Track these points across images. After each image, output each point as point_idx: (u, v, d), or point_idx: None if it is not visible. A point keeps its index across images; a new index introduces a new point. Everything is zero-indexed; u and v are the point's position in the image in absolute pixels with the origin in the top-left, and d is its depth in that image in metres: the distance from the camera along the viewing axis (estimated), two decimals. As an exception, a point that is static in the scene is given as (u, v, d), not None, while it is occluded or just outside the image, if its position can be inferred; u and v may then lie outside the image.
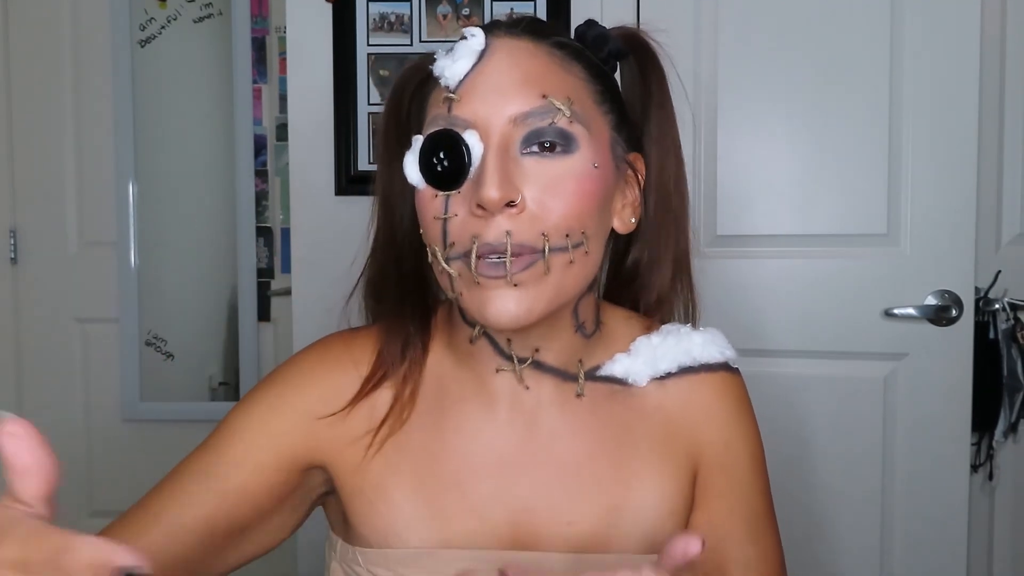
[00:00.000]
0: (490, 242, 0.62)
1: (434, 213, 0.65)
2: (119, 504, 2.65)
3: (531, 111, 0.63)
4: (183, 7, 2.39)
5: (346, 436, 0.72)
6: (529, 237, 0.63)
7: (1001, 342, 1.59)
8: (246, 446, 0.70)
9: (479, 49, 0.65)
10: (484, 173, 0.62)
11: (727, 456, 0.74)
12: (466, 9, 1.73)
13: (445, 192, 0.64)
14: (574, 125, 0.64)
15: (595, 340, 0.74)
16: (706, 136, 1.63)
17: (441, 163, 0.64)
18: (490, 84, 0.64)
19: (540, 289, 0.64)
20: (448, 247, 0.64)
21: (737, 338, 0.77)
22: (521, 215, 0.62)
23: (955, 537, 1.56)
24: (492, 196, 0.61)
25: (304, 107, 1.76)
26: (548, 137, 0.63)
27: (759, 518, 0.75)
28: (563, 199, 0.63)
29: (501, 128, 0.63)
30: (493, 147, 0.63)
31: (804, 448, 1.61)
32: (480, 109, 0.64)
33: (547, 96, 0.64)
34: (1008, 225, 1.64)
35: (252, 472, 0.70)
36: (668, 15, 1.61)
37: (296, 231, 1.77)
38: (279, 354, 2.37)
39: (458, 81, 0.65)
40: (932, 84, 1.52)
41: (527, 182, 0.63)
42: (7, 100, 2.37)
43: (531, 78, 0.64)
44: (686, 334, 0.74)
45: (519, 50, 0.66)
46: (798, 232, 1.60)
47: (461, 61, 0.65)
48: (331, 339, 0.77)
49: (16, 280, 2.40)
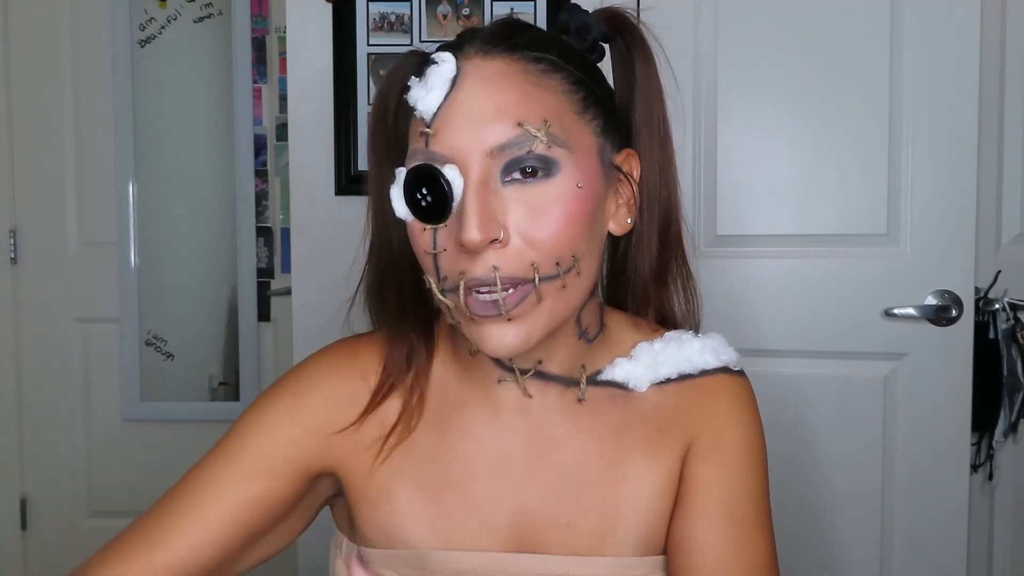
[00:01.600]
0: (478, 276, 0.62)
1: (424, 247, 0.64)
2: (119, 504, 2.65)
3: (507, 142, 0.62)
4: (183, 7, 2.39)
5: (357, 445, 0.72)
6: (517, 269, 0.62)
7: (1001, 342, 1.59)
8: (259, 455, 0.70)
9: (451, 76, 0.63)
10: (464, 213, 0.61)
11: (714, 447, 0.72)
12: (466, 9, 1.73)
13: (432, 226, 0.64)
14: (553, 149, 0.63)
15: (597, 344, 0.74)
16: (706, 136, 1.63)
17: (424, 199, 0.63)
18: (464, 115, 0.62)
19: (535, 318, 0.63)
20: (441, 280, 0.64)
21: (737, 338, 0.77)
22: (507, 248, 0.62)
23: (955, 537, 1.56)
24: (473, 238, 0.60)
25: (304, 107, 1.76)
26: (528, 163, 0.62)
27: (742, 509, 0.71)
28: (549, 227, 0.62)
29: (479, 162, 0.62)
30: (472, 184, 0.61)
31: (804, 448, 1.61)
32: (456, 143, 0.62)
33: (522, 124, 0.62)
34: (1008, 225, 1.64)
35: (267, 482, 0.70)
36: (668, 15, 1.60)
37: (296, 231, 1.77)
38: (279, 354, 2.37)
39: (432, 114, 0.63)
40: (932, 84, 1.52)
41: (509, 213, 0.62)
42: (7, 100, 2.37)
43: (504, 106, 0.62)
44: (687, 341, 0.73)
45: (492, 73, 0.64)
46: (798, 232, 1.60)
47: (434, 92, 0.63)
48: (336, 348, 0.77)
49: (16, 280, 2.40)
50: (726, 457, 0.73)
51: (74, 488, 2.41)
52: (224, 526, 0.68)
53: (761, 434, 0.76)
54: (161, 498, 0.70)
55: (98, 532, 2.44)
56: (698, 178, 1.63)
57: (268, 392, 0.74)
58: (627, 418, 0.73)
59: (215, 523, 0.68)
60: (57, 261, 2.39)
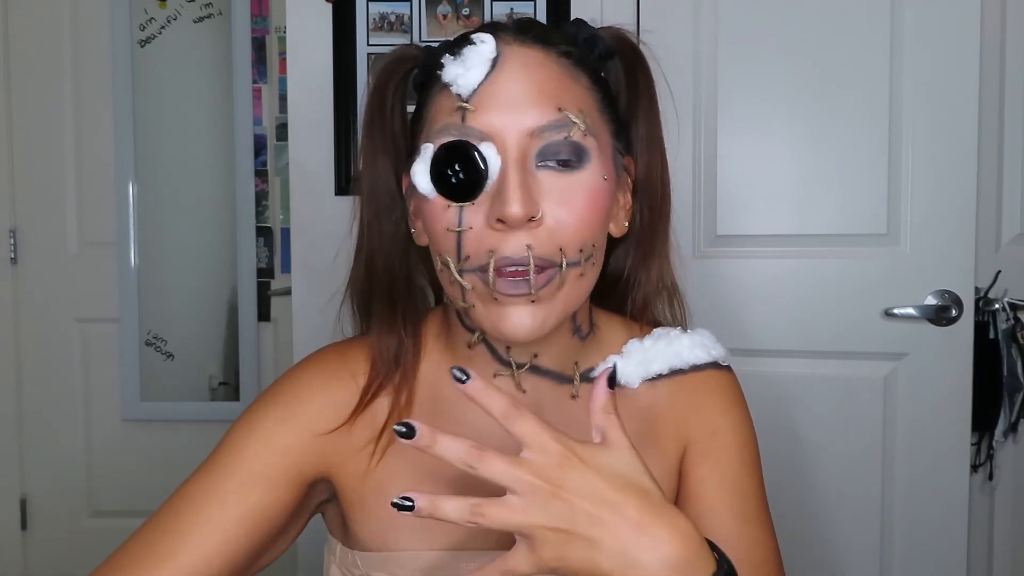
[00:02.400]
0: (509, 255, 0.62)
1: (447, 224, 0.64)
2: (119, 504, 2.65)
3: (547, 124, 0.63)
4: (183, 7, 2.39)
5: (350, 447, 0.72)
6: (548, 251, 0.63)
7: (1001, 342, 1.59)
8: (255, 465, 0.69)
9: (491, 57, 0.64)
10: (506, 188, 0.61)
11: (713, 444, 0.74)
12: (466, 9, 1.73)
13: (458, 204, 0.63)
14: (587, 138, 0.64)
15: (589, 342, 0.75)
16: (706, 136, 1.63)
17: (456, 175, 0.63)
18: (506, 95, 0.63)
19: (553, 303, 0.64)
20: (462, 260, 0.64)
21: (736, 338, 0.78)
22: (539, 229, 0.62)
23: (955, 537, 1.56)
24: (516, 213, 0.60)
25: (304, 107, 1.76)
26: (563, 153, 0.63)
27: (748, 505, 0.73)
28: (577, 214, 0.63)
29: (518, 141, 0.63)
30: (512, 161, 0.62)
31: (804, 448, 1.61)
32: (496, 121, 0.63)
33: (562, 109, 0.63)
34: (1008, 225, 1.64)
35: (266, 492, 0.69)
36: (668, 15, 1.61)
37: (296, 231, 1.77)
38: (279, 354, 2.37)
39: (472, 90, 0.63)
40: (932, 84, 1.52)
41: (543, 196, 0.63)
42: (7, 100, 2.37)
43: (546, 90, 0.64)
44: (676, 337, 0.74)
45: (531, 59, 0.65)
46: (798, 232, 1.60)
47: (475, 70, 0.64)
48: (325, 352, 0.76)
49: (16, 280, 2.40)
50: (727, 456, 0.74)
51: (74, 488, 2.41)
52: (226, 540, 0.66)
53: (753, 429, 0.78)
54: (156, 513, 0.68)
55: (98, 532, 2.45)
56: (698, 178, 1.63)
57: (258, 401, 0.74)
58: (620, 415, 0.73)
59: (218, 535, 0.66)
60: (57, 261, 2.39)
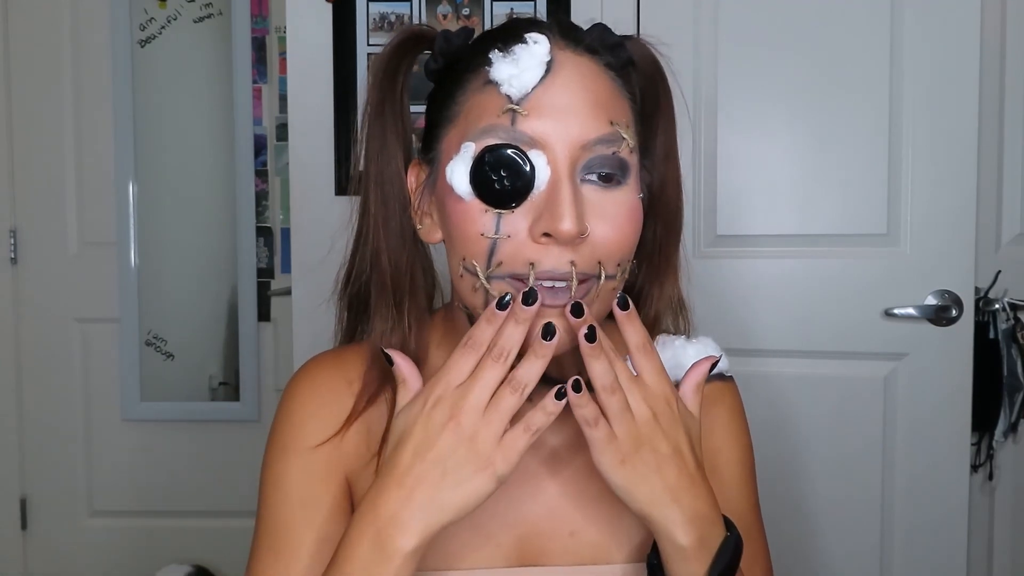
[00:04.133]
0: (551, 270, 0.60)
1: (482, 230, 0.61)
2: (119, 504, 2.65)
3: (599, 138, 0.61)
4: (183, 7, 2.39)
5: (356, 457, 0.70)
6: (588, 266, 0.61)
7: (1001, 342, 1.59)
8: (310, 503, 0.69)
9: (546, 60, 0.61)
10: (559, 202, 0.59)
11: (717, 461, 0.74)
12: (466, 9, 1.73)
13: (498, 210, 0.61)
14: (632, 155, 0.63)
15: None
16: (706, 136, 1.63)
17: (501, 181, 0.60)
18: (561, 103, 0.61)
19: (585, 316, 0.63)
20: (493, 266, 0.61)
21: (737, 338, 0.77)
22: (583, 245, 0.61)
23: (955, 537, 1.56)
24: (570, 230, 0.58)
25: (304, 107, 1.76)
26: (608, 168, 0.62)
27: (747, 522, 0.74)
28: (618, 231, 0.62)
29: (570, 152, 0.61)
30: (564, 173, 0.60)
31: (804, 448, 1.61)
32: (549, 128, 0.60)
33: (614, 123, 0.62)
34: (1008, 225, 1.64)
35: (330, 521, 0.68)
36: (668, 15, 1.61)
37: (296, 231, 1.77)
38: (279, 354, 2.37)
39: (525, 93, 0.61)
40: (932, 84, 1.52)
41: (588, 212, 0.61)
42: (7, 100, 2.37)
43: (599, 102, 0.62)
44: (680, 347, 0.72)
45: (584, 68, 0.63)
46: (798, 232, 1.60)
47: (529, 72, 0.61)
48: (321, 359, 0.74)
49: (16, 280, 2.40)
50: (729, 474, 0.74)
51: (74, 488, 2.41)
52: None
53: (751, 443, 0.78)
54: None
55: (98, 532, 2.46)
56: (698, 178, 1.63)
57: (274, 436, 0.72)
58: None
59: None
60: (57, 261, 2.39)
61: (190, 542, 2.35)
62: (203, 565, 2.30)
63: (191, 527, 2.36)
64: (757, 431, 0.80)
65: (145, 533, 2.37)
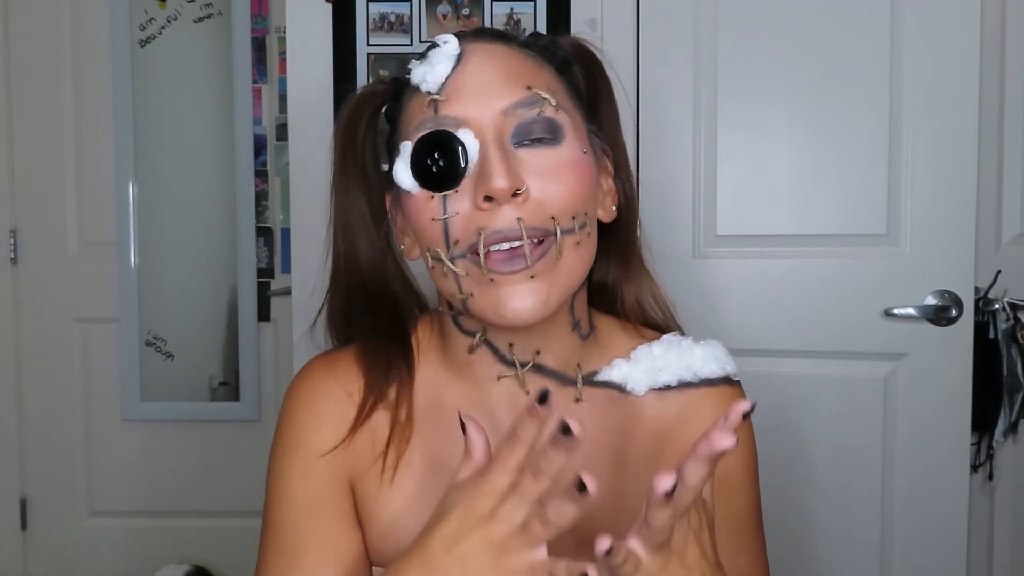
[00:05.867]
0: (500, 229, 0.63)
1: (431, 215, 0.65)
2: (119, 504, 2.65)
3: (519, 101, 0.65)
4: (183, 7, 2.39)
5: (361, 466, 0.72)
6: (539, 221, 0.64)
7: (1001, 342, 1.59)
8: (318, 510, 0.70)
9: (455, 53, 0.67)
10: (488, 165, 0.63)
11: (721, 472, 0.71)
12: (466, 9, 1.73)
13: (442, 192, 0.65)
14: (559, 114, 0.66)
15: (591, 344, 0.74)
16: (706, 136, 1.62)
17: (436, 163, 0.64)
18: (475, 82, 0.66)
19: (554, 277, 0.64)
20: (452, 245, 0.64)
21: (737, 338, 0.77)
22: (527, 203, 0.63)
23: (955, 537, 1.56)
24: (501, 185, 0.61)
25: (304, 107, 1.76)
26: (537, 131, 0.65)
27: (749, 529, 0.74)
28: (563, 184, 0.65)
29: (493, 122, 0.65)
30: (491, 140, 0.64)
31: (804, 448, 1.61)
32: (470, 106, 0.65)
33: (531, 87, 0.65)
34: (1008, 225, 1.64)
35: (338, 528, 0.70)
36: (668, 15, 1.61)
37: (296, 231, 1.77)
38: (279, 354, 2.37)
39: (440, 83, 0.66)
40: (932, 84, 1.52)
41: (526, 172, 0.64)
42: (7, 100, 2.37)
43: (513, 72, 0.66)
44: (687, 348, 0.73)
45: (495, 51, 0.68)
46: (798, 232, 1.60)
47: (440, 65, 0.66)
48: (312, 371, 0.76)
49: (16, 280, 2.40)
50: (734, 483, 0.74)
51: (74, 488, 2.41)
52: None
53: (755, 449, 0.77)
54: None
55: (98, 532, 2.46)
56: (698, 178, 1.63)
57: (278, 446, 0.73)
58: (627, 425, 0.72)
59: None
60: (57, 261, 2.39)
61: (190, 542, 2.35)
62: (203, 566, 2.30)
63: (191, 527, 2.36)
64: (757, 431, 0.79)
65: (145, 533, 2.37)
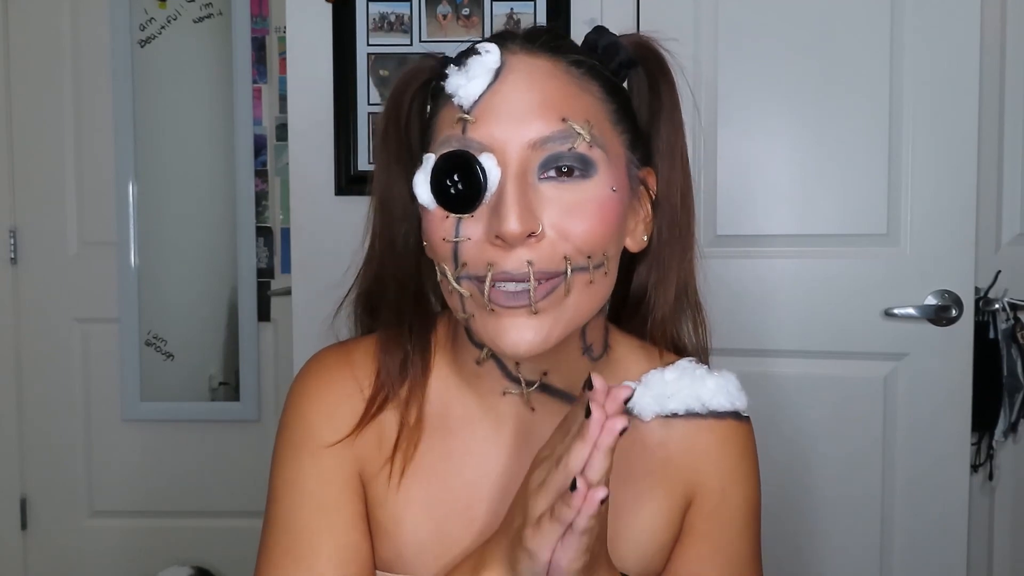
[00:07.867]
0: (508, 271, 0.60)
1: (444, 235, 0.62)
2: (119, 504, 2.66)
3: (550, 135, 0.61)
4: (183, 7, 2.39)
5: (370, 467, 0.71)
6: (550, 264, 0.61)
7: (1001, 342, 1.59)
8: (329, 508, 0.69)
9: (495, 67, 0.63)
10: (504, 203, 0.59)
11: (721, 504, 0.72)
12: (466, 9, 1.73)
13: (457, 215, 0.62)
14: (593, 149, 0.62)
15: (602, 364, 0.72)
16: (706, 136, 1.62)
17: (455, 186, 0.61)
18: (508, 106, 0.62)
19: (558, 314, 0.62)
20: (460, 267, 0.62)
21: (737, 338, 0.77)
22: (540, 244, 0.61)
23: (955, 537, 1.56)
24: (513, 230, 0.59)
25: (304, 107, 1.76)
26: (566, 162, 0.61)
27: (743, 565, 0.73)
28: (584, 223, 0.61)
29: (519, 153, 0.61)
30: (512, 174, 0.60)
31: (804, 448, 1.61)
32: (497, 132, 0.61)
33: (567, 120, 0.61)
34: (1008, 225, 1.64)
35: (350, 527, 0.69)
36: (668, 15, 1.61)
37: (296, 231, 1.77)
38: (279, 354, 2.37)
39: (473, 101, 0.62)
40: (932, 84, 1.52)
41: (545, 208, 0.61)
42: (7, 100, 2.37)
43: (550, 101, 0.62)
44: (700, 377, 0.69)
45: (537, 69, 0.63)
46: (798, 232, 1.60)
47: (476, 80, 0.62)
48: (328, 357, 0.74)
49: (16, 280, 2.40)
50: (731, 517, 0.73)
51: (74, 488, 2.41)
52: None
53: (759, 486, 0.76)
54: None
55: (98, 532, 2.46)
56: (698, 178, 1.63)
57: (283, 437, 0.72)
58: (631, 448, 0.71)
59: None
60: (57, 261, 2.39)
61: (190, 542, 2.35)
62: (203, 566, 2.30)
63: (191, 527, 2.36)
64: (757, 431, 0.79)
65: (145, 533, 2.37)
